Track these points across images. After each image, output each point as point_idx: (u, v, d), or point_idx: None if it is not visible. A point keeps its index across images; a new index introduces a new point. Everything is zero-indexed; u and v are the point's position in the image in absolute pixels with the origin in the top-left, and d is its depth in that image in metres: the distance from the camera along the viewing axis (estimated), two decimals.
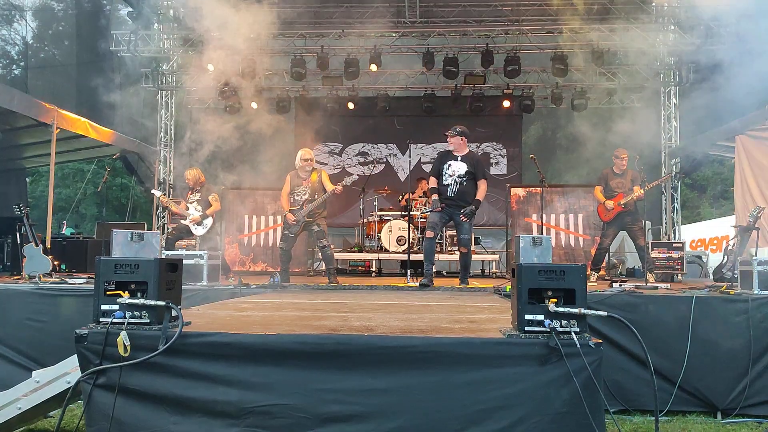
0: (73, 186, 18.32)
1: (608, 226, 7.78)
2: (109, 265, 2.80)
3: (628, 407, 4.93)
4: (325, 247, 7.00)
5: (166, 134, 12.60)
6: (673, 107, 11.91)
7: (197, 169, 7.86)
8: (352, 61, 11.33)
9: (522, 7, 11.28)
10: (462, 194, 6.55)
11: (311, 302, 4.70)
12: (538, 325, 2.60)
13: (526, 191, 10.12)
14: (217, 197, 7.74)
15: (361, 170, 12.89)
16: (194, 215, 7.50)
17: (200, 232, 7.58)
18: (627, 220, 7.60)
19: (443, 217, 6.68)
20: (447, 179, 6.61)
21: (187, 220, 7.53)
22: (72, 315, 5.31)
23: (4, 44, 20.14)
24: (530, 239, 5.21)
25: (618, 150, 7.84)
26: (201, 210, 7.53)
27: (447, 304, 4.58)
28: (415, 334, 2.85)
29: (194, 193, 7.67)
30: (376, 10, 11.32)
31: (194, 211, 7.53)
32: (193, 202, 7.61)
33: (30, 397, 3.43)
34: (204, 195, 7.60)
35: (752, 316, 4.92)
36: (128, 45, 11.04)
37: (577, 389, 2.51)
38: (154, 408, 2.66)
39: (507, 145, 13.42)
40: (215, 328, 2.88)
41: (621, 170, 7.72)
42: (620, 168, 7.73)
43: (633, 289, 5.69)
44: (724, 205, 17.96)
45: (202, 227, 7.54)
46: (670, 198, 11.87)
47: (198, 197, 7.60)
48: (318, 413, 2.57)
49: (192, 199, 7.64)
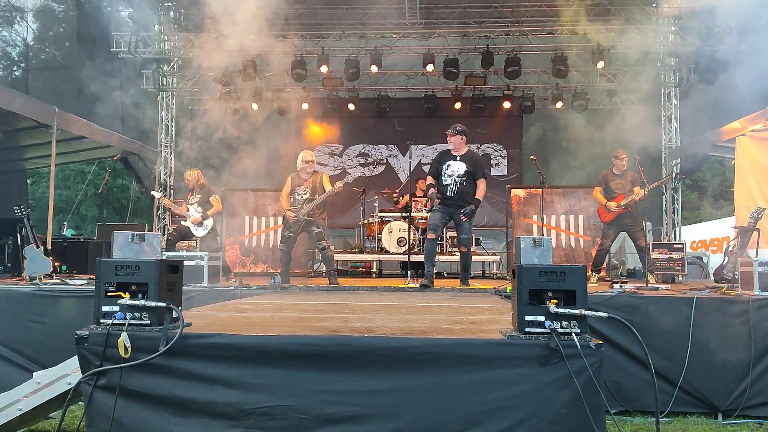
0: (74, 187, 18.32)
1: (609, 227, 7.78)
2: (110, 267, 2.80)
3: (629, 408, 4.93)
4: (325, 249, 7.00)
5: (166, 135, 12.62)
6: (674, 108, 11.92)
7: (197, 170, 7.86)
8: (353, 62, 11.34)
9: (522, 9, 11.29)
10: (462, 194, 6.54)
11: (312, 303, 4.69)
12: (539, 326, 2.60)
13: (526, 192, 10.12)
14: (218, 198, 7.74)
15: (362, 171, 12.89)
16: (195, 216, 7.51)
17: (201, 233, 7.58)
18: (627, 221, 7.60)
19: (444, 218, 6.65)
20: (446, 179, 6.60)
21: (188, 221, 7.54)
22: (73, 316, 5.32)
23: (5, 45, 20.15)
24: (531, 240, 5.23)
25: (618, 151, 7.85)
26: (201, 211, 7.54)
27: (447, 305, 4.58)
28: (416, 335, 2.85)
29: (194, 194, 7.67)
30: (376, 11, 11.34)
31: (194, 212, 7.53)
32: (193, 203, 7.61)
33: (31, 398, 3.43)
34: (204, 196, 7.61)
35: (753, 317, 4.91)
36: (129, 46, 11.05)
37: (578, 390, 2.51)
38: (155, 409, 2.66)
39: (507, 146, 13.43)
40: (216, 330, 2.88)
41: (621, 171, 7.73)
42: (620, 169, 7.74)
43: (633, 290, 5.69)
44: (724, 206, 17.93)
45: (202, 228, 7.54)
46: (670, 199, 11.87)
47: (198, 198, 7.60)
48: (318, 414, 2.57)
49: (192, 201, 7.64)
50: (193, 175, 7.74)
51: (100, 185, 12.58)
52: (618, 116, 12.54)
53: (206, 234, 7.60)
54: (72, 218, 15.48)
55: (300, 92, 12.41)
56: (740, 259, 6.05)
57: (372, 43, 11.54)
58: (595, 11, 10.53)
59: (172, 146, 12.70)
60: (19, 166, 11.67)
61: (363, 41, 11.65)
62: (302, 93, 12.42)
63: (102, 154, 11.52)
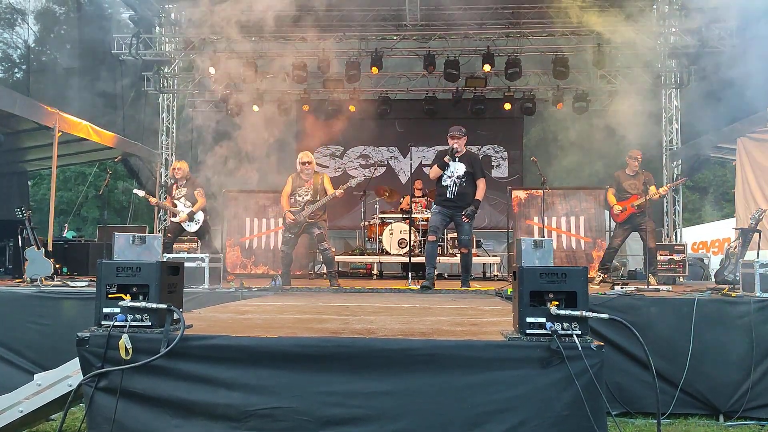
0: (75, 189, 18.34)
1: (620, 226, 7.74)
2: (111, 268, 2.80)
3: (630, 410, 4.93)
4: (326, 250, 7.00)
5: (167, 137, 12.63)
6: (674, 109, 11.92)
7: (185, 162, 7.87)
8: (354, 64, 11.34)
9: (522, 10, 11.29)
10: (462, 195, 6.53)
11: (312, 305, 4.69)
12: (540, 327, 2.60)
13: (527, 194, 10.12)
14: (203, 192, 7.74)
15: (363, 173, 12.89)
16: (183, 214, 7.52)
17: (193, 228, 7.61)
18: (638, 221, 7.57)
19: (444, 220, 6.66)
20: (446, 180, 6.58)
21: (176, 218, 7.56)
22: (74, 318, 5.32)
23: (6, 48, 20.21)
24: (532, 242, 5.22)
25: (633, 151, 7.80)
26: (189, 205, 7.57)
27: (448, 307, 4.57)
28: (417, 336, 2.84)
29: (180, 188, 7.67)
30: (377, 13, 11.35)
31: (183, 207, 7.55)
32: (180, 197, 7.63)
33: (31, 400, 3.42)
34: (190, 190, 7.62)
35: (754, 319, 4.91)
36: (130, 48, 11.06)
37: (579, 392, 2.50)
38: (156, 411, 2.66)
39: (508, 147, 13.44)
40: (217, 331, 2.88)
41: (634, 171, 7.69)
42: (633, 169, 7.70)
43: (635, 291, 5.69)
44: (725, 208, 17.94)
45: (194, 223, 7.57)
46: (671, 200, 11.86)
47: (185, 192, 7.62)
48: (319, 416, 2.57)
49: (179, 195, 7.65)
50: (184, 167, 7.75)
51: (101, 187, 12.60)
52: (619, 117, 12.55)
53: (199, 228, 7.62)
54: (73, 220, 15.49)
55: (301, 94, 12.43)
56: (741, 260, 6.05)
57: (373, 45, 11.55)
58: (595, 12, 10.53)
59: (173, 148, 12.71)
60: (20, 168, 11.68)
61: (364, 43, 11.66)
62: (303, 95, 12.43)
63: (103, 155, 11.53)
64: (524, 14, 11.32)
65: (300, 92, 12.38)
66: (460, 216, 6.52)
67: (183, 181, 7.69)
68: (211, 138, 13.35)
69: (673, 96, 11.94)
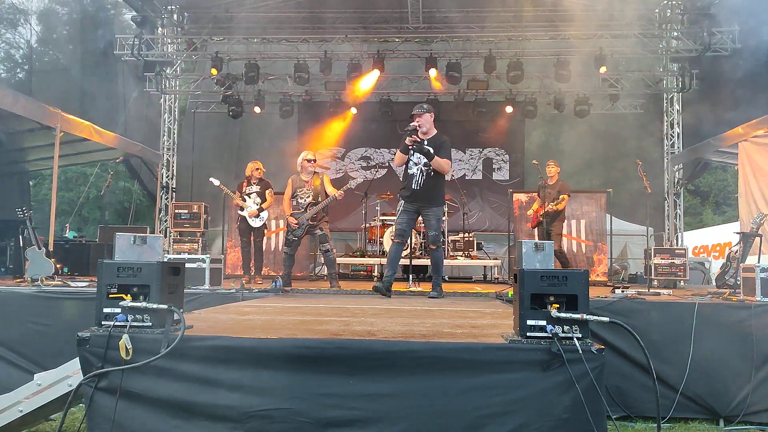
0: (76, 189, 18.34)
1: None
2: (112, 269, 2.80)
3: (630, 413, 4.92)
4: (328, 251, 7.01)
5: (169, 138, 12.63)
6: (676, 113, 11.91)
7: (260, 163, 8.12)
8: (355, 66, 11.35)
9: (525, 14, 11.28)
10: (427, 188, 5.78)
11: (313, 306, 4.70)
12: (540, 330, 2.60)
13: (528, 197, 10.12)
14: (273, 193, 8.02)
15: (364, 175, 12.89)
16: (252, 209, 7.76)
17: (257, 224, 7.86)
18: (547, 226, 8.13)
19: (411, 219, 5.98)
20: (411, 168, 5.82)
21: (245, 212, 7.80)
22: (74, 318, 5.32)
23: (9, 48, 20.25)
24: (532, 245, 5.21)
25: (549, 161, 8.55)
26: (260, 202, 7.83)
27: (449, 309, 4.57)
28: (417, 339, 2.84)
29: (251, 185, 7.91)
30: (379, 15, 11.36)
31: (252, 204, 7.80)
32: (251, 193, 7.87)
33: (31, 400, 3.42)
34: (262, 188, 7.89)
35: (755, 323, 4.91)
36: (132, 49, 11.06)
37: (579, 395, 2.50)
38: (156, 411, 2.66)
39: (509, 150, 13.43)
40: (217, 332, 2.88)
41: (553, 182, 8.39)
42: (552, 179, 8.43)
43: (635, 295, 5.69)
44: (726, 212, 17.94)
45: (259, 219, 7.83)
46: (672, 204, 11.86)
47: (257, 189, 7.88)
48: (319, 418, 2.57)
49: (250, 191, 7.89)
50: (261, 167, 8.02)
51: (102, 187, 12.63)
52: (620, 122, 12.56)
53: (262, 225, 7.90)
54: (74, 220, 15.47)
55: (302, 96, 12.43)
56: (742, 264, 6.05)
57: (375, 47, 11.55)
58: (597, 17, 10.53)
59: (175, 149, 12.72)
60: (22, 168, 11.68)
61: (365, 45, 11.66)
62: (305, 96, 12.44)
63: (104, 156, 11.53)
64: (526, 18, 11.32)
65: (302, 94, 12.39)
66: (427, 212, 5.86)
67: (255, 180, 7.93)
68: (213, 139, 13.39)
69: (675, 100, 11.94)
